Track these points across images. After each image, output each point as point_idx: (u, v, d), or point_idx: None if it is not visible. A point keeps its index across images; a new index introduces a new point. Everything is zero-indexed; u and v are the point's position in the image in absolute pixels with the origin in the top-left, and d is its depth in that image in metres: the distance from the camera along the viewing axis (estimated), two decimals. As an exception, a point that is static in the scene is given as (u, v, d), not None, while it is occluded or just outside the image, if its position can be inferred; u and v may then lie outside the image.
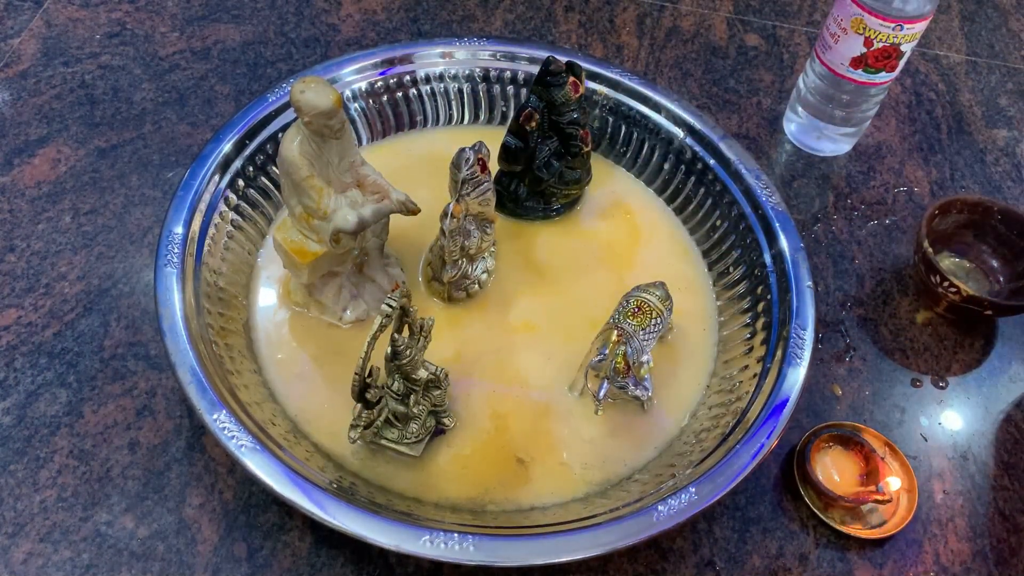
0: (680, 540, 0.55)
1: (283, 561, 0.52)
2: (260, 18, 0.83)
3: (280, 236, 0.57)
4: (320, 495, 0.47)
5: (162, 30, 0.81)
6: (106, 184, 0.69)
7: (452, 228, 0.58)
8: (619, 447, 0.57)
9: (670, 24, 0.88)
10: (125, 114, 0.74)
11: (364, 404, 0.52)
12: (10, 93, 0.74)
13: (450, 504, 0.54)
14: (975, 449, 0.61)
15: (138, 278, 0.64)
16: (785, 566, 0.54)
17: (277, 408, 0.56)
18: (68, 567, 0.51)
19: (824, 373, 0.64)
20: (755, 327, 0.60)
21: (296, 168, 0.52)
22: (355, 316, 0.61)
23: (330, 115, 0.49)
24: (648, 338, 0.57)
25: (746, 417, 0.54)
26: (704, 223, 0.68)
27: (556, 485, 0.55)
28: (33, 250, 0.65)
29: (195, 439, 0.56)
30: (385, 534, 0.46)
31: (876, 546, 0.55)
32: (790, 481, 0.57)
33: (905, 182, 0.77)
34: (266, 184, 0.66)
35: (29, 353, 0.59)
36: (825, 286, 0.69)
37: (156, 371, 0.59)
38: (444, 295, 0.63)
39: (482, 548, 0.46)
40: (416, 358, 0.51)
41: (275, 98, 0.66)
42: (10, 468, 0.54)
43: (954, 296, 0.63)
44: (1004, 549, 0.56)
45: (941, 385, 0.64)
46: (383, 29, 0.84)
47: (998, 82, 0.88)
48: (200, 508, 0.54)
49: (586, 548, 0.47)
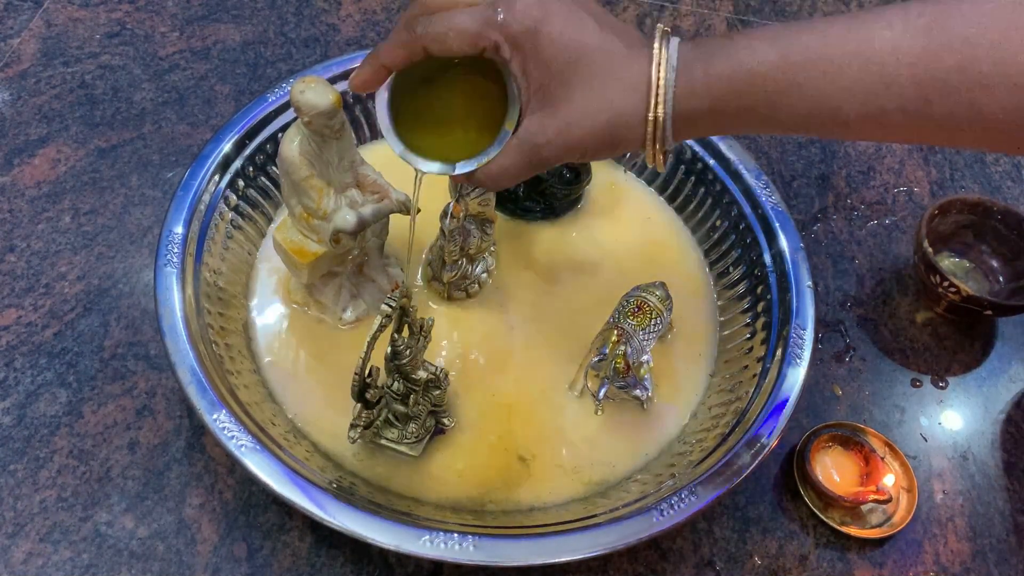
0: (680, 540, 0.55)
1: (283, 561, 0.52)
2: (260, 18, 0.83)
3: (280, 236, 0.57)
4: (320, 495, 0.47)
5: (162, 30, 0.81)
6: (106, 184, 0.69)
7: (452, 228, 0.58)
8: (619, 447, 0.57)
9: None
10: (125, 114, 0.74)
11: (364, 404, 0.52)
12: (10, 93, 0.74)
13: (450, 504, 0.54)
14: (975, 449, 0.61)
15: (138, 278, 0.64)
16: (785, 566, 0.54)
17: (277, 408, 0.56)
18: (68, 567, 0.51)
19: (824, 373, 0.64)
20: (755, 327, 0.60)
21: (296, 168, 0.52)
22: (355, 316, 0.61)
23: (330, 115, 0.49)
24: (648, 338, 0.57)
25: (746, 417, 0.54)
26: (704, 223, 0.68)
27: (556, 485, 0.55)
28: (33, 250, 0.65)
29: (195, 439, 0.56)
30: (385, 534, 0.46)
31: (876, 546, 0.55)
32: (790, 481, 0.57)
33: (905, 182, 0.77)
34: (266, 184, 0.66)
35: (29, 353, 0.59)
36: (825, 286, 0.69)
37: (156, 371, 0.59)
38: (444, 295, 0.63)
39: (482, 548, 0.46)
40: (416, 358, 0.51)
41: (275, 98, 0.65)
42: (10, 468, 0.54)
43: (954, 296, 0.63)
44: (1004, 549, 0.56)
45: (941, 385, 0.64)
46: (383, 29, 0.84)
47: (998, 82, 0.87)
48: (200, 508, 0.54)
49: (586, 548, 0.47)
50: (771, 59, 0.38)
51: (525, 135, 0.41)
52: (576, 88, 0.39)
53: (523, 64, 0.40)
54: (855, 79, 0.37)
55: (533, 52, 0.39)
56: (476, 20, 0.39)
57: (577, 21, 0.39)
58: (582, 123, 0.40)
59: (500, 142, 0.43)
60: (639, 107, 0.39)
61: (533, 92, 0.40)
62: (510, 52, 0.39)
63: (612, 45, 0.39)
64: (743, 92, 0.38)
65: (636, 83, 0.39)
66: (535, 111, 0.40)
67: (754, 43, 0.38)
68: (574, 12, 0.39)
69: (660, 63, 0.38)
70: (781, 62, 0.37)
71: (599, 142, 0.40)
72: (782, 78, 0.37)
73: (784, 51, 0.37)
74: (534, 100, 0.40)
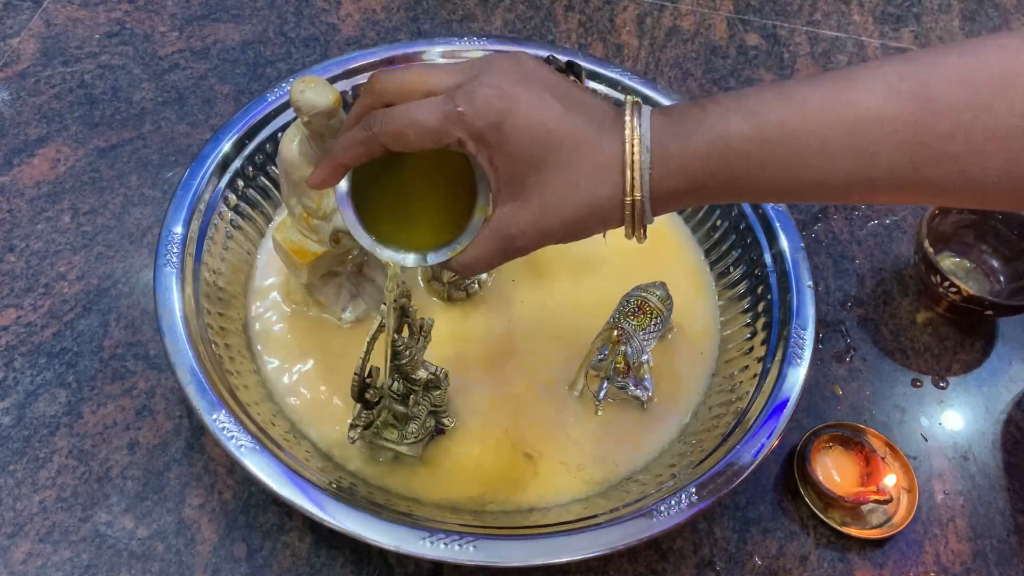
0: (680, 540, 0.55)
1: (283, 561, 0.52)
2: (260, 18, 0.83)
3: (280, 236, 0.57)
4: (320, 495, 0.47)
5: (161, 30, 0.81)
6: (105, 184, 0.69)
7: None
8: (619, 447, 0.57)
9: (670, 24, 0.88)
10: (124, 114, 0.74)
11: (364, 404, 0.52)
12: (9, 93, 0.74)
13: (450, 504, 0.54)
14: (975, 449, 0.61)
15: (137, 278, 0.64)
16: (785, 566, 0.54)
17: (276, 408, 0.56)
18: (68, 567, 0.51)
19: (824, 373, 0.64)
20: (755, 327, 0.60)
21: (296, 168, 0.52)
22: (355, 316, 0.61)
23: (330, 115, 0.49)
24: (648, 338, 0.57)
25: (746, 417, 0.54)
26: (704, 223, 0.68)
27: (556, 485, 0.55)
28: (32, 250, 0.65)
29: (195, 439, 0.56)
30: (385, 534, 0.46)
31: (876, 546, 0.55)
32: (790, 481, 0.57)
33: (905, 182, 0.77)
34: (265, 184, 0.66)
35: (28, 353, 0.59)
36: (825, 286, 0.69)
37: (155, 371, 0.59)
38: (444, 295, 0.63)
39: (482, 548, 0.46)
40: (416, 358, 0.51)
41: (275, 98, 0.65)
42: (9, 468, 0.54)
43: (954, 296, 0.63)
44: (1004, 549, 0.56)
45: (941, 385, 0.64)
46: (383, 29, 0.84)
47: (998, 82, 0.87)
48: (200, 508, 0.53)
49: (586, 548, 0.47)
50: (747, 133, 0.36)
51: (498, 226, 0.39)
52: (548, 176, 0.37)
53: (490, 157, 0.38)
54: (839, 150, 0.35)
55: (499, 145, 0.37)
56: (437, 116, 0.37)
57: (542, 107, 0.37)
58: (558, 212, 0.38)
59: (472, 231, 0.41)
60: (615, 192, 0.37)
61: (503, 183, 0.38)
62: (475, 147, 0.38)
63: (581, 128, 0.37)
64: (720, 170, 0.37)
65: (610, 168, 0.37)
66: (506, 201, 0.39)
67: (729, 114, 0.36)
68: (538, 97, 0.37)
69: (633, 144, 0.37)
70: (758, 136, 0.36)
71: (576, 228, 0.39)
72: (760, 153, 0.36)
73: (761, 124, 0.36)
74: (505, 191, 0.38)
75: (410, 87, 0.39)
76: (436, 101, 0.38)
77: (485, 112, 0.37)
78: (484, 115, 0.37)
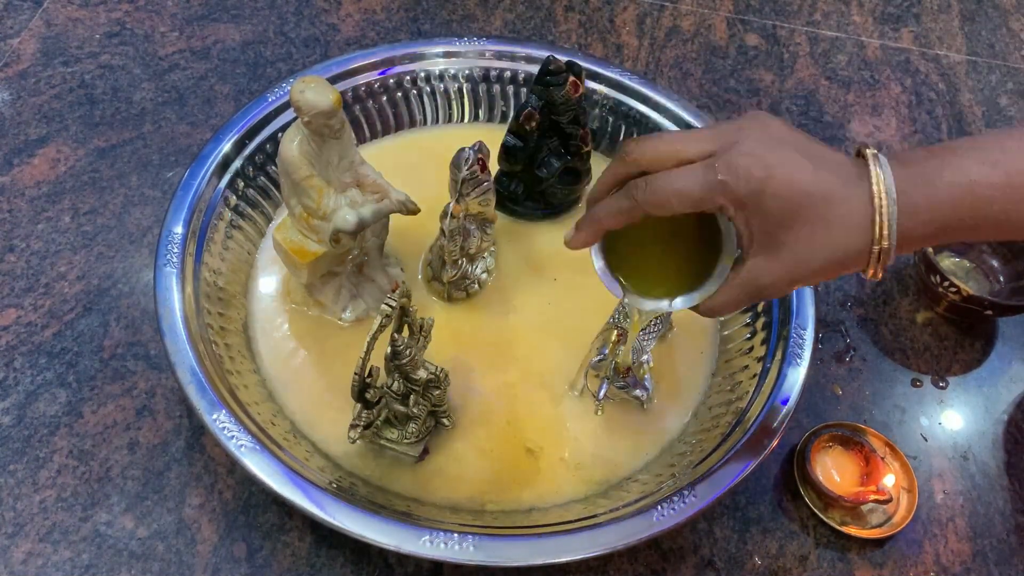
0: (680, 540, 0.55)
1: (283, 561, 0.52)
2: (260, 18, 0.83)
3: (280, 236, 0.57)
4: (320, 495, 0.47)
5: (162, 30, 0.81)
6: (106, 184, 0.69)
7: (452, 228, 0.58)
8: (619, 447, 0.57)
9: (670, 24, 0.88)
10: (125, 114, 0.74)
11: (364, 404, 0.52)
12: (10, 93, 0.74)
13: (450, 504, 0.54)
14: (975, 449, 0.61)
15: (138, 278, 0.64)
16: (785, 566, 0.54)
17: (277, 408, 0.56)
18: (68, 567, 0.51)
19: (824, 373, 0.64)
20: (755, 327, 0.60)
21: (296, 168, 0.52)
22: (355, 316, 0.61)
23: (330, 115, 0.49)
24: (648, 338, 0.57)
25: (746, 417, 0.54)
26: (704, 223, 0.68)
27: (556, 485, 0.55)
28: (33, 250, 0.65)
29: (195, 439, 0.56)
30: (385, 534, 0.46)
31: (876, 546, 0.55)
32: (790, 481, 0.57)
33: (905, 182, 0.77)
34: (265, 184, 0.66)
35: (29, 353, 0.59)
36: (825, 286, 0.69)
37: (156, 371, 0.59)
38: (444, 295, 0.63)
39: (482, 548, 0.46)
40: (416, 358, 0.51)
41: (275, 98, 0.65)
42: (10, 468, 0.54)
43: (954, 296, 0.63)
44: (1004, 549, 0.56)
45: (941, 385, 0.64)
46: (383, 29, 0.84)
47: (998, 82, 0.87)
48: (200, 508, 0.54)
49: (586, 548, 0.47)
50: (995, 181, 0.38)
51: (749, 277, 0.42)
52: (800, 231, 0.40)
53: (747, 219, 0.41)
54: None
55: (756, 207, 0.40)
56: (699, 184, 0.40)
57: (796, 170, 0.40)
58: (808, 263, 0.41)
59: (719, 277, 0.45)
60: (864, 242, 0.40)
61: (756, 238, 0.41)
62: (733, 211, 0.41)
63: (831, 184, 0.40)
64: (966, 216, 0.39)
65: (859, 220, 0.39)
66: (758, 253, 0.42)
67: (970, 163, 0.38)
68: (792, 160, 0.40)
69: (881, 197, 0.39)
70: (1005, 183, 0.38)
71: (823, 275, 0.42)
72: (1005, 198, 0.38)
73: (1010, 171, 0.38)
74: (757, 244, 0.41)
75: (664, 156, 0.42)
76: (696, 171, 0.41)
77: (747, 181, 0.39)
78: (746, 183, 0.39)
